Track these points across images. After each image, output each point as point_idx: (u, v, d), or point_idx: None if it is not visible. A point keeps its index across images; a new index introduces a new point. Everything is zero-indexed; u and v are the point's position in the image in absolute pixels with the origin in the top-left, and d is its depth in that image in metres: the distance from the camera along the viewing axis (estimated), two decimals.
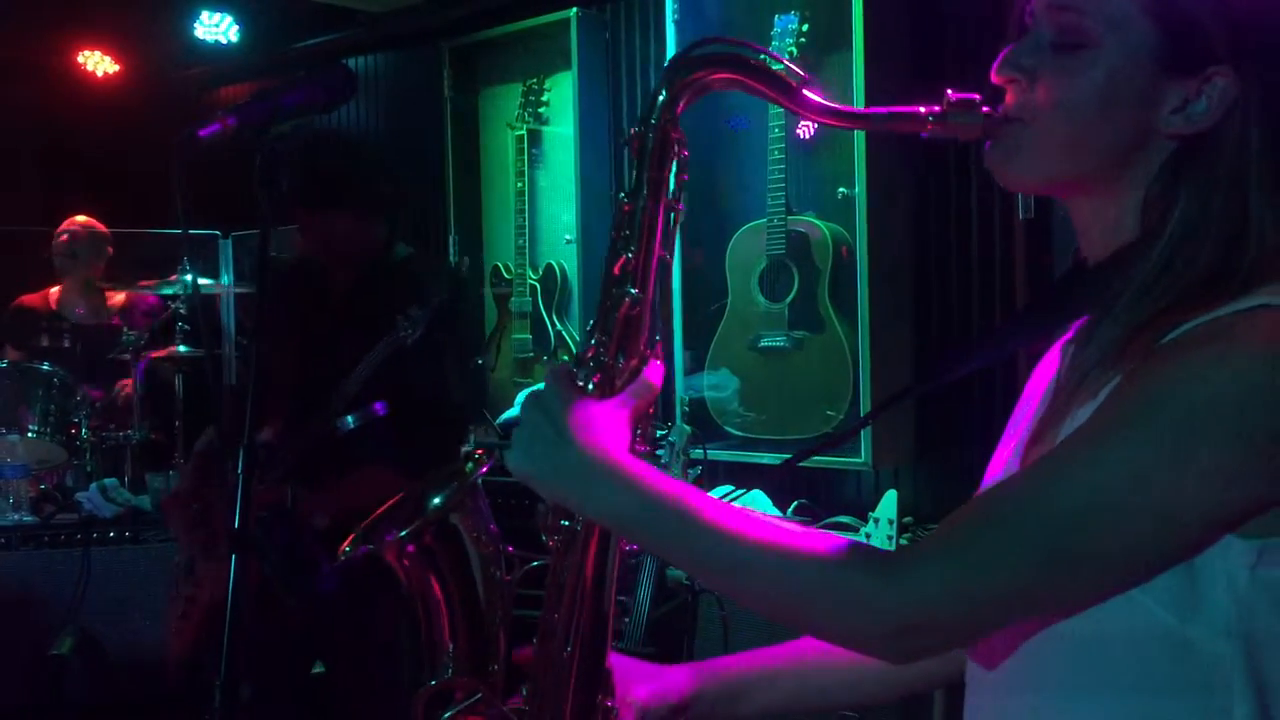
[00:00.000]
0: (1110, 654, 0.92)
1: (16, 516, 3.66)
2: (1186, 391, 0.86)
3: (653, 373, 1.05)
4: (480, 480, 1.18)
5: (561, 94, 4.19)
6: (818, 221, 3.38)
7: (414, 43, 4.82)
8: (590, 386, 1.03)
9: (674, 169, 1.07)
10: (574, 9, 4.04)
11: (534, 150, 4.29)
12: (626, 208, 1.07)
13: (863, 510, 3.14)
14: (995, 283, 3.24)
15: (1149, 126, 0.96)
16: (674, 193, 1.08)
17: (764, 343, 3.43)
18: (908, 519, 3.13)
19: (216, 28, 5.08)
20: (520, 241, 4.26)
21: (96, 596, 3.53)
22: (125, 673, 3.47)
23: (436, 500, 1.17)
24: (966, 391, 3.30)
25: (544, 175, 4.30)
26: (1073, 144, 0.97)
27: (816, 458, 3.33)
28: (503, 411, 3.82)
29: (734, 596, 0.97)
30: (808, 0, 3.39)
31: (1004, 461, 1.04)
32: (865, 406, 3.20)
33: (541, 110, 4.26)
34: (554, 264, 4.21)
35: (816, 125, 3.44)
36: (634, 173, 1.07)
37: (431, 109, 4.52)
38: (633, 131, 1.07)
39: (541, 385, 1.02)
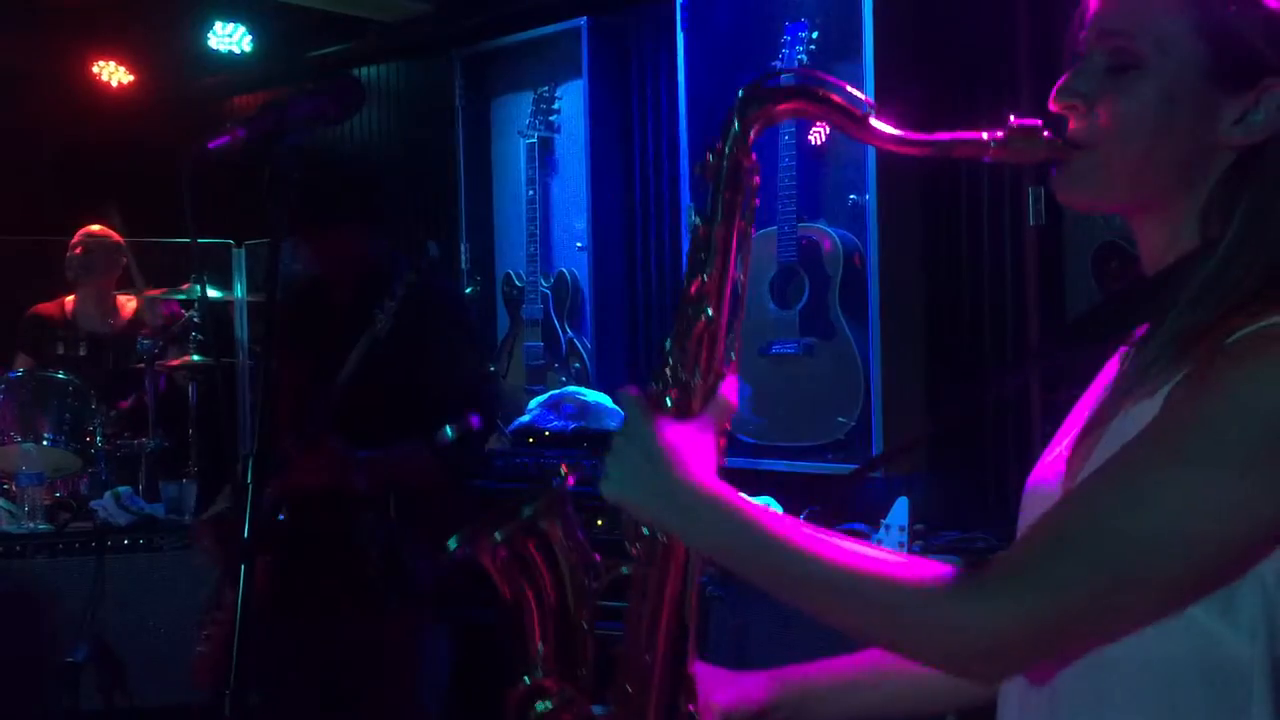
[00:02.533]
0: (1140, 640, 0.94)
1: (32, 524, 3.68)
2: (1253, 408, 0.87)
3: (729, 390, 1.08)
4: (569, 490, 1.21)
5: (573, 102, 4.20)
6: (828, 228, 3.38)
7: (425, 52, 4.84)
8: (669, 403, 1.07)
9: (747, 194, 1.11)
10: (584, 18, 4.05)
11: (545, 158, 4.30)
12: (702, 231, 1.10)
13: (874, 516, 3.14)
14: (1007, 288, 3.23)
15: (1210, 140, 0.98)
16: (746, 216, 1.11)
17: (775, 349, 3.43)
18: (919, 525, 3.12)
19: (229, 38, 5.11)
20: (532, 249, 4.27)
21: (111, 604, 3.55)
22: (140, 680, 3.48)
23: (528, 511, 1.21)
24: (982, 400, 3.29)
25: (556, 183, 4.31)
26: (1138, 166, 0.99)
27: (824, 465, 3.33)
28: (516, 419, 3.82)
29: (825, 620, 1.00)
30: (818, 8, 3.39)
31: (1058, 459, 1.04)
32: (876, 413, 3.19)
33: (553, 118, 4.28)
34: (565, 271, 4.22)
35: (828, 132, 3.44)
36: (709, 197, 1.10)
37: (443, 118, 4.54)
38: (707, 157, 1.10)
39: (623, 413, 1.05)
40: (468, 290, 4.44)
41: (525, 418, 3.73)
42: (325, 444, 2.31)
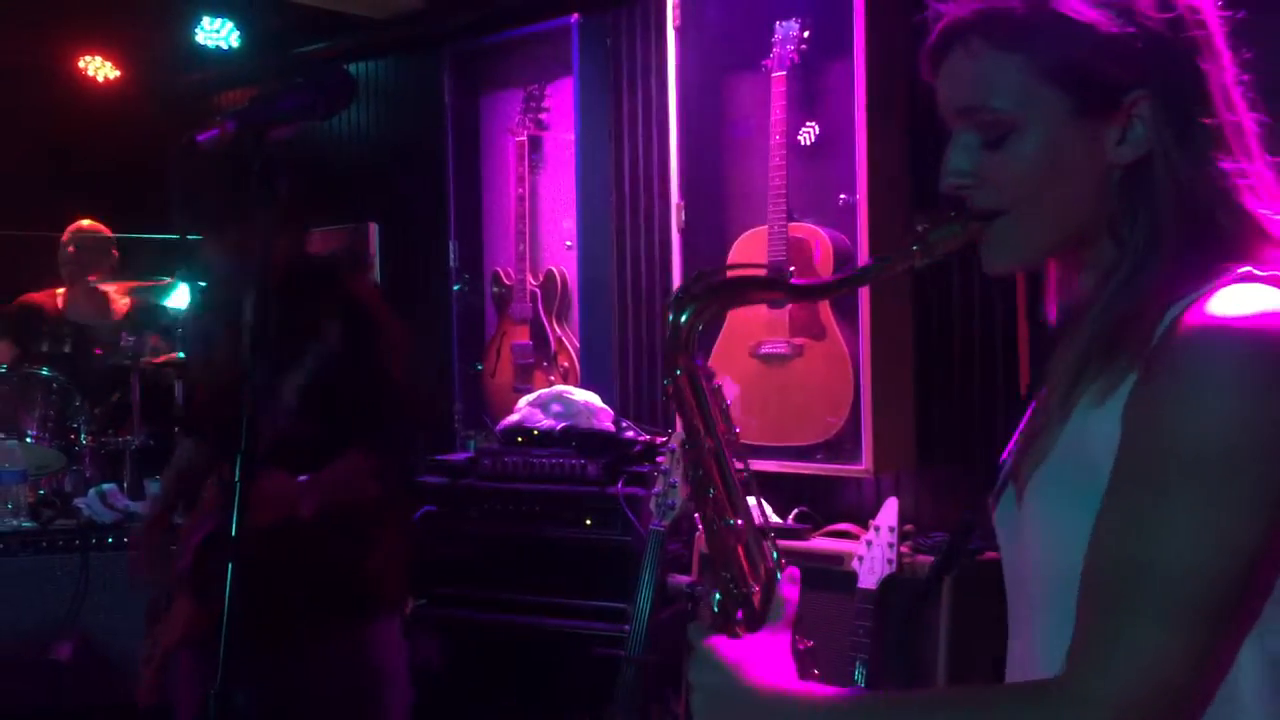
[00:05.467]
0: None
1: (15, 522, 3.66)
2: (1211, 428, 0.89)
3: (787, 588, 1.10)
4: None
5: (562, 100, 4.19)
6: (819, 228, 3.38)
7: (415, 48, 4.82)
8: (736, 622, 1.10)
9: (712, 405, 1.14)
10: (575, 15, 4.04)
11: (534, 156, 4.29)
12: (691, 452, 1.14)
13: (863, 517, 3.14)
14: (994, 287, 3.23)
15: (1102, 166, 1.01)
16: (723, 423, 1.14)
17: (765, 349, 3.42)
18: (908, 526, 3.12)
19: (218, 33, 5.08)
20: (520, 247, 4.26)
21: (95, 601, 3.53)
22: (123, 676, 3.46)
23: None
24: (967, 397, 3.30)
25: (545, 181, 4.29)
26: (1050, 214, 1.03)
27: (816, 465, 3.32)
28: (504, 417, 3.81)
29: None
30: (809, 6, 3.38)
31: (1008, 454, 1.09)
32: (866, 413, 3.19)
33: (542, 116, 4.26)
34: (554, 270, 4.21)
35: (817, 131, 3.44)
36: (683, 422, 1.14)
37: (432, 115, 4.52)
38: (665, 386, 1.14)
39: (695, 653, 1.08)
40: (455, 288, 4.42)
41: (514, 417, 3.72)
42: (265, 480, 2.25)
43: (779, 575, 1.11)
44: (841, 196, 3.31)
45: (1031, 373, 1.13)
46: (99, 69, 5.55)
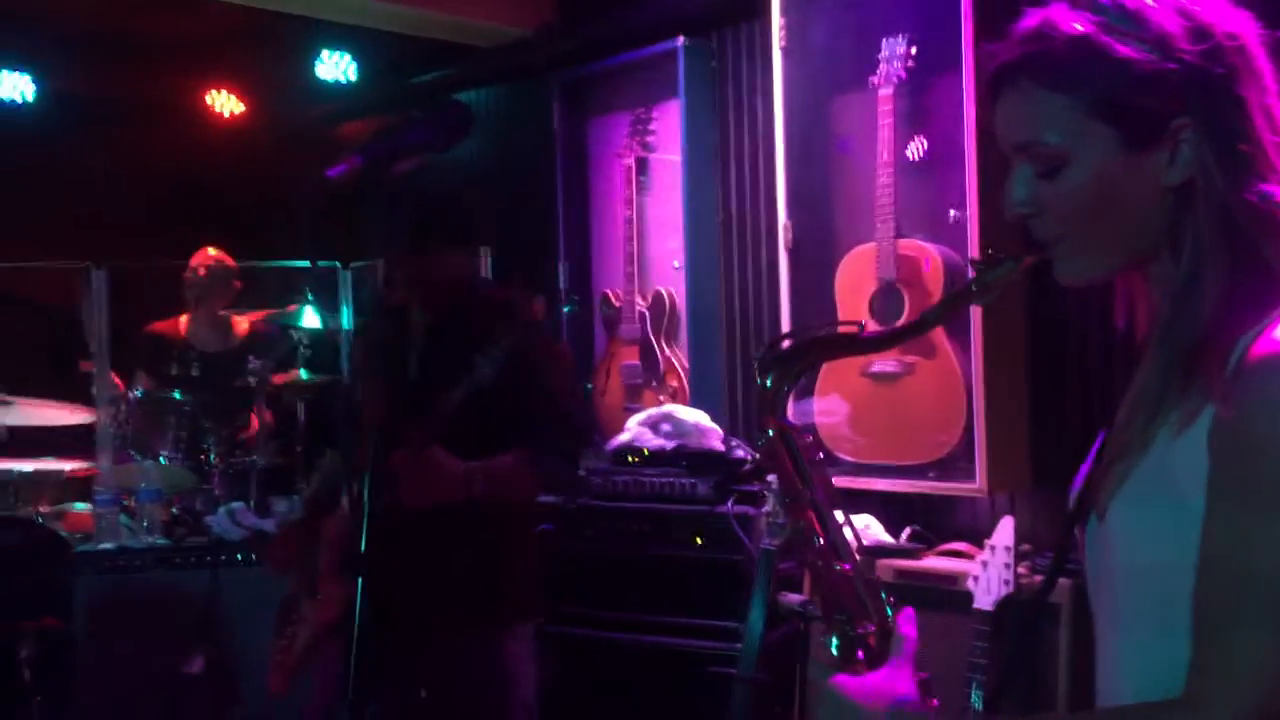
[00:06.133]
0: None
1: (150, 539, 3.82)
2: None
3: (904, 624, 1.15)
4: None
5: (669, 122, 4.23)
6: (928, 244, 3.35)
7: (524, 76, 4.92)
8: (859, 660, 1.15)
9: (803, 461, 1.20)
10: (680, 39, 4.08)
11: (641, 178, 4.34)
12: (794, 505, 1.20)
13: (978, 537, 3.09)
14: (1112, 302, 3.16)
15: (1156, 189, 1.06)
16: (817, 473, 1.20)
17: (875, 368, 3.40)
18: (1025, 546, 3.07)
19: (336, 66, 5.26)
20: (629, 268, 4.31)
21: (224, 617, 3.66)
22: (252, 691, 3.58)
23: None
24: (1084, 414, 3.23)
25: (652, 202, 4.34)
26: (1109, 235, 1.09)
27: (928, 483, 3.29)
28: (614, 437, 3.85)
29: None
30: (916, 21, 3.36)
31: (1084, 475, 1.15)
32: (979, 431, 3.15)
33: (649, 138, 4.31)
34: (662, 290, 4.24)
35: (926, 147, 3.41)
36: (782, 480, 1.21)
37: (541, 139, 4.61)
38: (760, 446, 1.22)
39: (820, 692, 1.12)
40: (565, 309, 4.49)
41: (624, 436, 3.76)
42: (438, 457, 2.34)
43: (893, 614, 1.16)
44: (952, 212, 3.28)
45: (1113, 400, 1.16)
46: (225, 104, 5.79)
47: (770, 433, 1.19)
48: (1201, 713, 0.96)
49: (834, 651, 1.16)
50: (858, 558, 1.18)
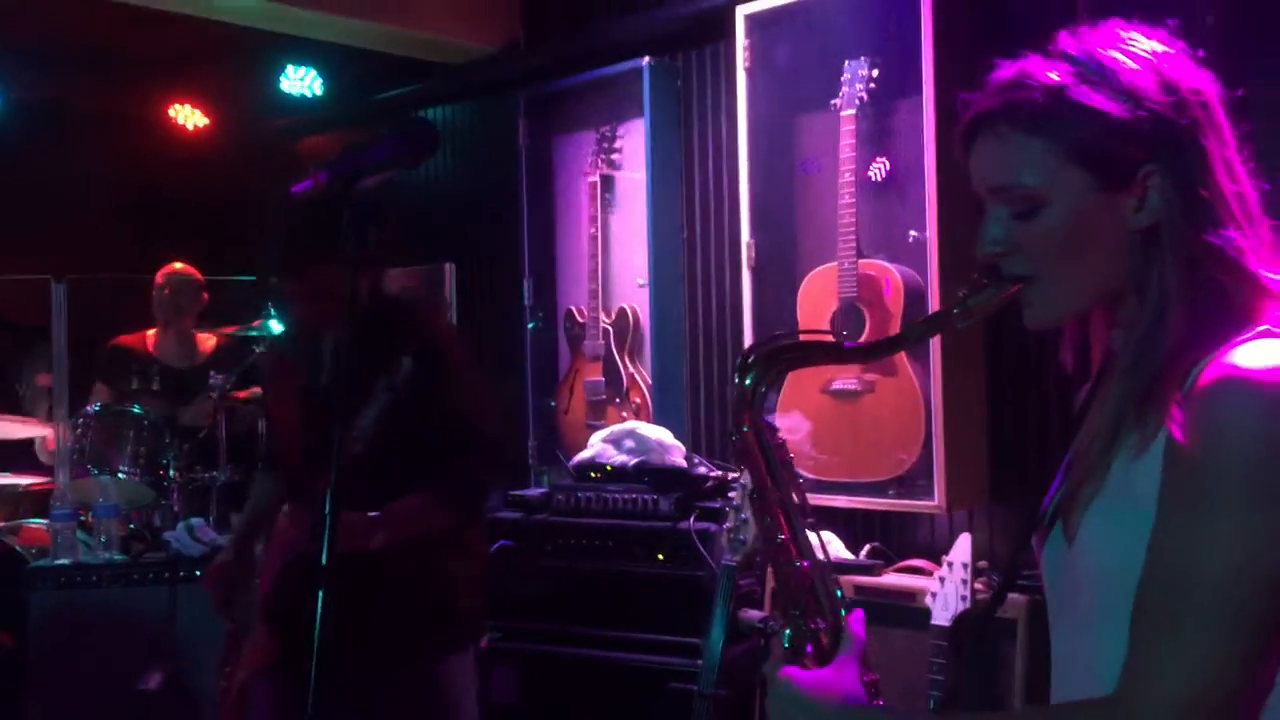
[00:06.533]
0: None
1: (107, 555, 3.78)
2: (1236, 456, 0.99)
3: (854, 624, 1.20)
4: None
5: (634, 140, 4.26)
6: (889, 264, 3.39)
7: (490, 93, 4.94)
8: (806, 655, 1.19)
9: (778, 458, 1.24)
10: (646, 58, 4.11)
11: (606, 195, 4.36)
12: (758, 504, 1.24)
13: (936, 554, 3.13)
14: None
15: (1122, 231, 1.11)
16: (787, 473, 1.24)
17: (836, 385, 3.44)
18: (982, 563, 3.11)
19: (301, 81, 5.25)
20: (593, 285, 4.33)
21: (182, 633, 3.63)
22: (211, 708, 3.55)
23: None
24: (1042, 433, 3.28)
25: (616, 220, 4.36)
26: (1077, 276, 1.14)
27: (888, 500, 3.33)
28: (577, 453, 3.86)
29: None
30: (878, 45, 3.41)
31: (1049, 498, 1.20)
32: (937, 449, 3.19)
33: (614, 156, 4.34)
34: (626, 307, 4.27)
35: (888, 169, 3.46)
36: (752, 474, 1.25)
37: (507, 156, 4.62)
38: (733, 440, 1.26)
39: (770, 685, 1.17)
40: (530, 325, 4.50)
41: (588, 453, 3.77)
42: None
43: (845, 614, 1.20)
44: (912, 233, 3.32)
45: (1068, 423, 1.20)
46: (189, 117, 5.77)
47: (745, 429, 1.23)
48: (1124, 713, 1.00)
49: (785, 644, 1.20)
50: (819, 558, 1.22)
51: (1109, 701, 1.03)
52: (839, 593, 1.22)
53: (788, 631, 1.21)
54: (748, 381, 1.23)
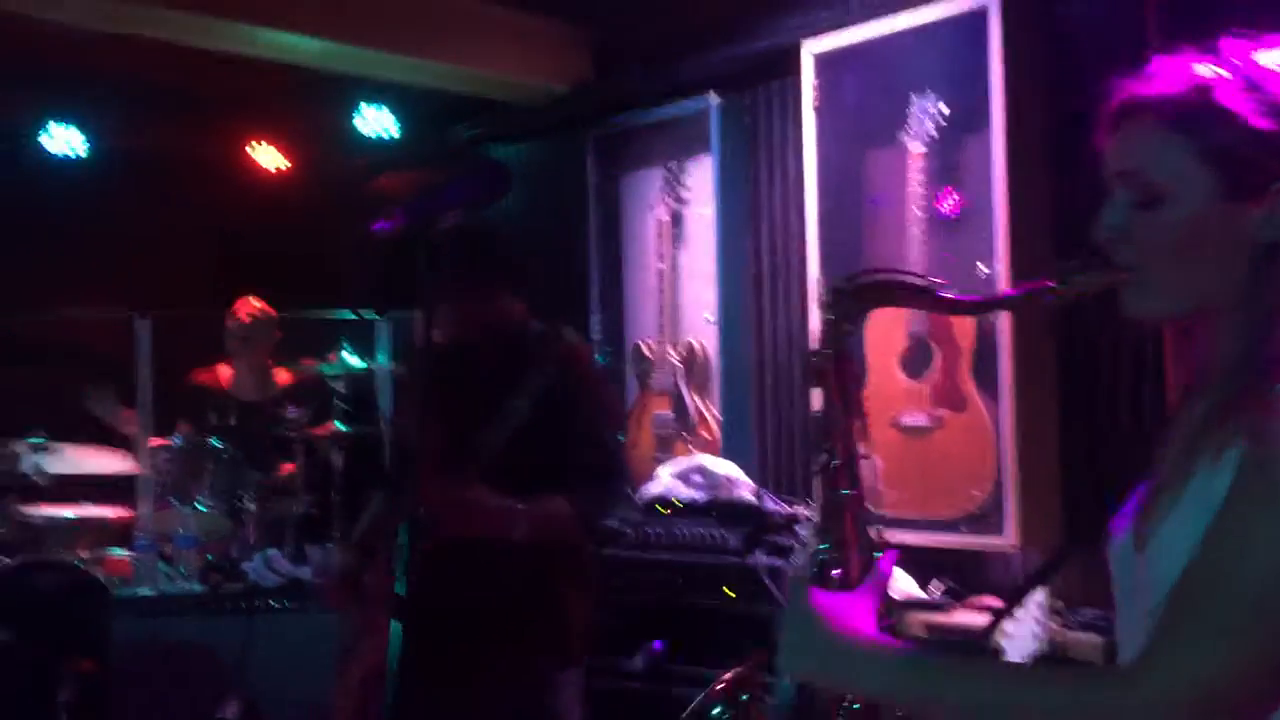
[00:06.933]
0: None
1: (186, 585, 3.86)
2: None
3: (885, 562, 1.23)
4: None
5: (702, 177, 4.30)
6: None
7: (560, 131, 5.01)
8: (833, 581, 1.22)
9: (853, 383, 1.26)
10: (713, 95, 4.15)
11: (675, 231, 4.39)
12: (821, 425, 1.27)
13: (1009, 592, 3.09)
14: (1147, 357, 3.17)
15: (1241, 243, 1.10)
16: (857, 402, 1.27)
17: (905, 421, 3.42)
18: (1058, 603, 3.06)
19: (377, 121, 5.37)
20: (661, 320, 4.35)
21: (259, 662, 3.69)
22: None
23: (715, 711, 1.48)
24: (1117, 470, 3.23)
25: (684, 256, 4.39)
26: (1184, 280, 1.13)
27: (959, 537, 3.29)
28: (644, 486, 3.87)
29: None
30: (945, 80, 3.41)
31: (1128, 511, 1.19)
32: (1009, 486, 3.16)
33: (682, 192, 4.38)
34: (694, 342, 4.28)
35: (957, 203, 3.45)
36: (824, 394, 1.27)
37: (576, 193, 4.68)
38: (811, 359, 1.28)
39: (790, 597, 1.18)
40: (598, 360, 4.54)
41: (656, 487, 3.78)
42: (480, 493, 2.36)
43: (878, 552, 1.23)
44: (980, 267, 3.30)
45: (1144, 456, 1.20)
46: (268, 157, 5.91)
47: (827, 351, 1.25)
48: (1132, 691, 0.99)
49: (816, 567, 1.22)
50: (864, 491, 1.24)
51: (1116, 675, 1.04)
52: (879, 529, 1.24)
53: (823, 545, 1.23)
54: (832, 314, 1.25)
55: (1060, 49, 3.31)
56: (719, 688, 1.37)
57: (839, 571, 1.21)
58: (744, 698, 1.35)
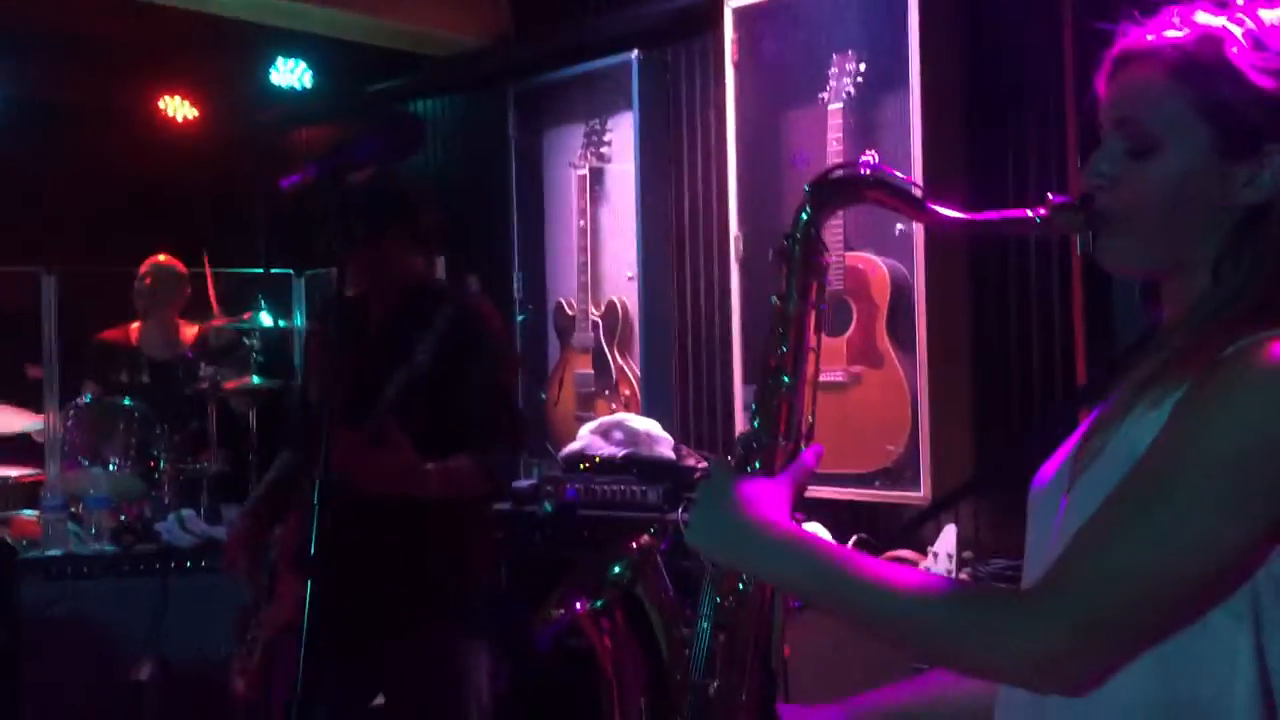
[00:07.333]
0: None
1: (98, 546, 3.79)
2: (1229, 440, 0.98)
3: (809, 455, 1.23)
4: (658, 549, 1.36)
5: (623, 134, 4.28)
6: (876, 257, 3.42)
7: (480, 86, 4.95)
8: (756, 466, 1.21)
9: (818, 276, 1.25)
10: (634, 52, 4.13)
11: (596, 188, 4.38)
12: (779, 308, 1.25)
13: (922, 544, 3.16)
14: (1055, 316, 3.25)
15: (1223, 203, 1.09)
16: (819, 295, 1.25)
17: (823, 378, 3.45)
18: (967, 553, 3.14)
19: (291, 73, 5.26)
20: (583, 278, 4.35)
21: (174, 624, 3.65)
22: (201, 697, 3.57)
23: (616, 569, 1.39)
24: (1026, 425, 3.31)
25: (606, 213, 4.38)
26: (1163, 233, 1.12)
27: (875, 491, 3.36)
28: (566, 445, 3.88)
29: (891, 642, 1.11)
30: (865, 39, 3.43)
31: (1057, 459, 1.18)
32: (924, 441, 3.22)
33: (603, 150, 4.36)
34: (615, 300, 4.28)
35: (875, 162, 3.48)
36: (784, 279, 1.25)
37: (496, 149, 4.63)
38: (782, 243, 1.25)
39: (710, 473, 1.19)
40: (519, 318, 4.52)
41: (576, 444, 3.79)
42: (402, 451, 2.35)
43: (806, 445, 1.23)
44: (898, 226, 3.34)
45: (1091, 383, 1.20)
46: (178, 109, 5.76)
47: (798, 235, 1.22)
48: (1024, 612, 1.00)
49: (740, 448, 1.22)
50: (804, 378, 1.23)
51: (1018, 597, 1.06)
52: (810, 422, 1.23)
53: (753, 425, 1.22)
54: (820, 199, 1.23)
55: (976, 8, 3.34)
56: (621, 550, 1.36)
57: (760, 460, 1.21)
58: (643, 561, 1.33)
